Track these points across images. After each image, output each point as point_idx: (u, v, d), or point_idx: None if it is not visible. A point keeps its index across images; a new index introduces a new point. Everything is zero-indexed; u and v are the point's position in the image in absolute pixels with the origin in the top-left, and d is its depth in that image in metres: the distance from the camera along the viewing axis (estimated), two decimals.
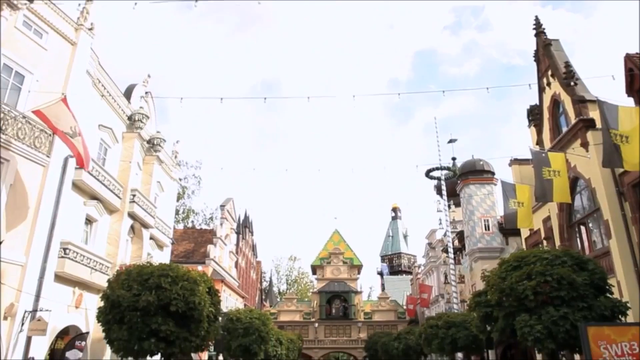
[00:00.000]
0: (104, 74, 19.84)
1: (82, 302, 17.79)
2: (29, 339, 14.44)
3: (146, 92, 24.43)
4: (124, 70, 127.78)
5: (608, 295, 12.16)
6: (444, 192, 35.50)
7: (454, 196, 40.37)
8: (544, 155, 16.79)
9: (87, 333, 17.56)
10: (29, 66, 15.73)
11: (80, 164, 14.06)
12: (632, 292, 15.00)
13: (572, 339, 10.83)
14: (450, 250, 33.65)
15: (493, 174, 35.89)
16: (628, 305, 12.37)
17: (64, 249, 16.10)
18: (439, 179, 38.02)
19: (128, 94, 22.48)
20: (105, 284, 13.77)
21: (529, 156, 18.35)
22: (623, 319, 11.93)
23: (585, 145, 17.32)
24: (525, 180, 21.91)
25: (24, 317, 14.27)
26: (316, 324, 54.16)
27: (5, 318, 13.79)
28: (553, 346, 11.22)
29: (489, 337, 16.90)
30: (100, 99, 19.81)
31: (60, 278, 16.30)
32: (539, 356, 21.91)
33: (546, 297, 11.19)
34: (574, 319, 10.79)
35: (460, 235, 37.91)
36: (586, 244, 18.80)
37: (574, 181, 18.45)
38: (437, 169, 37.24)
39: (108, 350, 18.10)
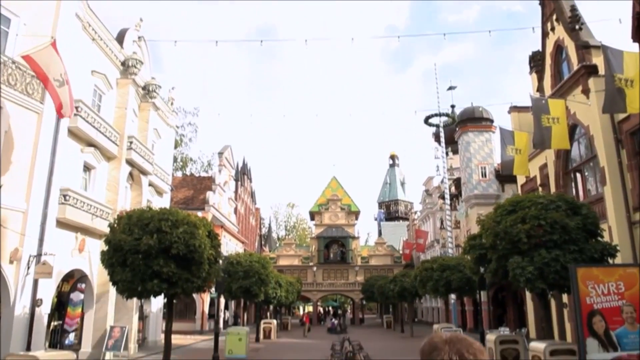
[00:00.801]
0: (94, 17, 19.29)
1: (85, 247, 18.18)
2: (35, 282, 14.91)
3: (139, 37, 23.89)
4: (115, 14, 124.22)
5: (599, 239, 12.47)
6: (442, 139, 35.52)
7: (452, 143, 40.40)
8: (544, 102, 16.69)
9: (86, 276, 18.10)
10: (15, 9, 15.28)
11: (60, 114, 13.62)
12: (622, 237, 15.39)
13: (562, 280, 11.21)
14: (447, 196, 34.07)
15: (492, 121, 35.79)
16: (617, 248, 12.72)
17: (64, 195, 16.27)
18: (437, 126, 37.92)
19: (120, 38, 21.96)
20: (107, 230, 14.03)
21: (529, 104, 18.26)
22: (612, 261, 12.30)
23: (586, 92, 17.22)
24: (524, 127, 21.90)
25: (29, 261, 14.65)
26: (314, 268, 55.51)
27: (11, 262, 14.14)
28: (543, 286, 11.62)
29: (482, 278, 17.45)
30: (91, 43, 19.37)
31: (62, 224, 16.57)
32: (528, 298, 22.70)
33: (539, 240, 11.48)
34: (564, 261, 11.12)
35: (457, 182, 38.26)
36: (581, 191, 19.06)
37: (573, 129, 18.46)
38: (436, 115, 37.08)
39: (113, 292, 18.71)
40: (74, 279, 18.04)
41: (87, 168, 19.11)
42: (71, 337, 17.36)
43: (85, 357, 17.87)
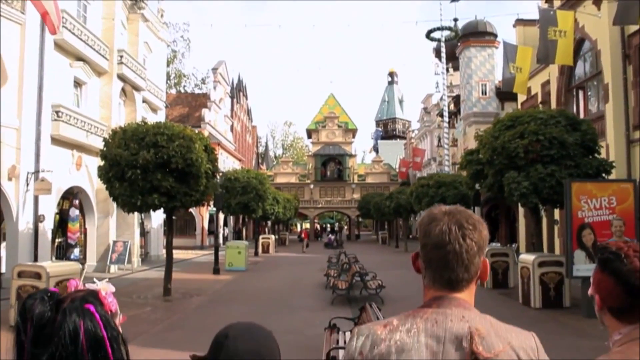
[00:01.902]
0: None
1: (82, 164, 18.22)
2: (36, 199, 15.12)
3: None
4: None
5: (596, 155, 12.50)
6: (443, 55, 34.58)
7: (453, 60, 39.37)
8: (552, 13, 16.01)
9: (81, 192, 18.32)
10: None
11: (49, 25, 12.86)
12: (618, 155, 15.45)
13: (556, 195, 11.37)
14: (446, 114, 33.77)
15: (495, 36, 34.63)
16: (614, 165, 12.79)
17: (56, 112, 16.04)
18: (439, 40, 36.73)
19: None
20: (102, 146, 13.97)
21: (536, 17, 17.54)
22: (606, 177, 12.41)
23: (597, 2, 16.50)
24: (528, 43, 21.20)
25: (27, 178, 14.77)
26: (311, 186, 56.24)
27: (10, 179, 14.22)
28: (537, 201, 11.81)
29: (477, 194, 17.71)
30: None
31: (57, 141, 16.48)
32: (520, 215, 23.21)
33: (536, 156, 11.49)
34: (560, 176, 11.22)
35: (456, 100, 37.77)
36: (582, 108, 18.86)
37: (579, 44, 17.90)
38: (438, 29, 35.79)
39: (114, 208, 19.03)
40: (72, 196, 18.27)
41: (77, 84, 18.68)
42: (76, 252, 17.88)
43: (91, 270, 18.51)
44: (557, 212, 17.77)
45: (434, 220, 1.39)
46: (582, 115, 18.27)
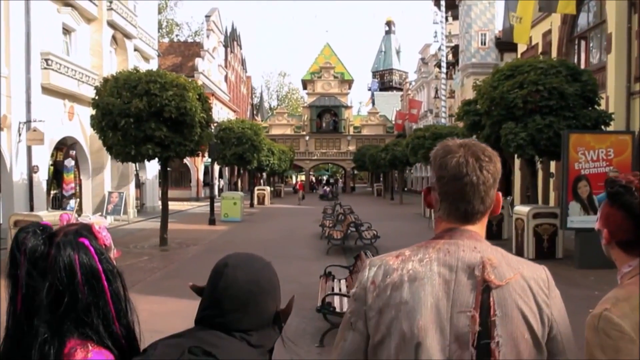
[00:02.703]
0: None
1: (75, 114, 17.95)
2: (29, 149, 14.98)
3: None
4: None
5: (595, 107, 12.37)
6: (443, 2, 33.63)
7: (452, 8, 38.27)
8: None
9: (77, 142, 18.13)
10: None
11: None
12: (618, 107, 15.29)
13: (553, 147, 11.30)
14: (443, 64, 33.23)
15: None
16: (613, 116, 12.68)
17: (46, 60, 15.66)
18: None
19: None
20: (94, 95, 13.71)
21: None
22: (605, 129, 12.32)
23: None
24: None
25: (19, 128, 14.59)
26: (307, 137, 55.97)
27: (2, 129, 14.02)
28: (533, 153, 11.76)
29: None
30: None
31: (47, 90, 16.17)
32: (516, 167, 23.25)
33: (535, 106, 11.35)
34: (558, 128, 11.11)
35: (455, 50, 37.04)
36: (583, 59, 18.55)
37: None
38: None
39: (108, 159, 18.91)
40: (67, 147, 18.09)
41: (66, 31, 18.11)
42: (72, 203, 17.88)
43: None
44: (552, 165, 17.78)
45: (450, 152, 1.35)
46: (583, 67, 17.99)
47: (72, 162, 17.82)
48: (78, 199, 19.08)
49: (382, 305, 1.28)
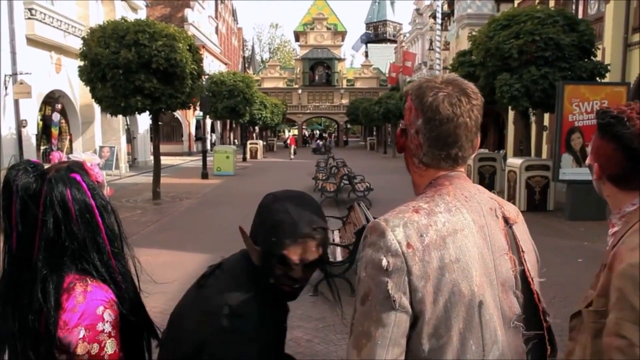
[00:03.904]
0: None
1: (62, 66, 17.54)
2: (16, 102, 14.71)
3: None
4: None
5: (591, 58, 12.23)
6: None
7: None
8: None
9: (63, 96, 17.80)
10: None
11: None
12: (615, 58, 15.11)
13: (547, 98, 11.23)
14: (439, 15, 32.42)
15: None
16: (609, 68, 12.55)
17: (29, 10, 15.19)
18: None
19: None
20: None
21: None
22: (600, 81, 12.23)
23: None
24: None
25: (5, 80, 14.28)
26: (299, 91, 55.28)
27: None
28: (527, 104, 11.69)
29: None
30: None
31: (33, 42, 15.73)
32: (510, 121, 23.18)
33: (530, 57, 11.20)
34: (553, 79, 11.01)
35: (450, 0, 36.18)
36: (580, 10, 18.19)
37: None
38: None
39: (98, 113, 18.64)
40: (54, 100, 17.79)
41: None
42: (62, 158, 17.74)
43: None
44: (546, 118, 17.75)
45: (438, 91, 1.21)
46: (580, 17, 17.67)
47: (58, 116, 17.55)
48: (68, 154, 18.88)
49: (430, 270, 1.08)
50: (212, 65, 39.63)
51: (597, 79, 11.94)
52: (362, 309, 1.10)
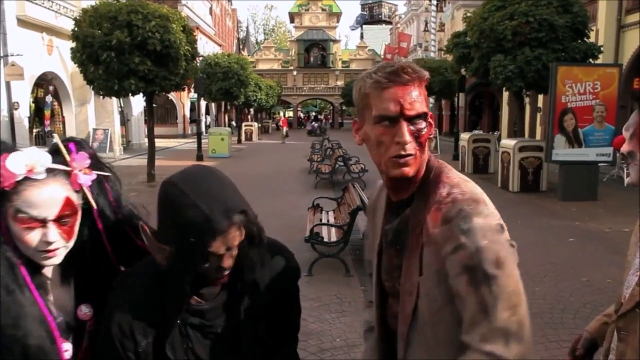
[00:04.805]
0: None
1: (54, 48, 17.36)
2: (8, 85, 14.56)
3: None
4: None
5: (585, 39, 12.27)
6: None
7: None
8: None
9: (55, 77, 17.65)
10: None
11: None
12: (608, 39, 15.15)
13: (541, 79, 11.28)
14: None
15: None
16: (602, 49, 12.58)
17: None
18: None
19: None
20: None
21: None
22: (593, 62, 12.28)
23: None
24: None
25: None
26: (294, 72, 54.95)
27: None
28: (521, 85, 11.74)
29: (462, 80, 17.52)
30: None
31: (24, 22, 15.52)
32: (504, 102, 23.24)
33: (524, 38, 11.22)
34: (546, 60, 11.06)
35: None
36: None
37: None
38: None
39: (91, 95, 18.50)
40: (46, 82, 17.65)
41: None
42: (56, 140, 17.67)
43: None
44: (540, 99, 17.80)
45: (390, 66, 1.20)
46: None
47: (51, 98, 17.44)
48: (61, 137, 18.79)
49: None
50: (206, 47, 39.26)
51: (590, 60, 11.98)
52: (502, 272, 1.09)
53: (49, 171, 1.15)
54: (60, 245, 1.16)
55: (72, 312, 1.22)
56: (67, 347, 1.17)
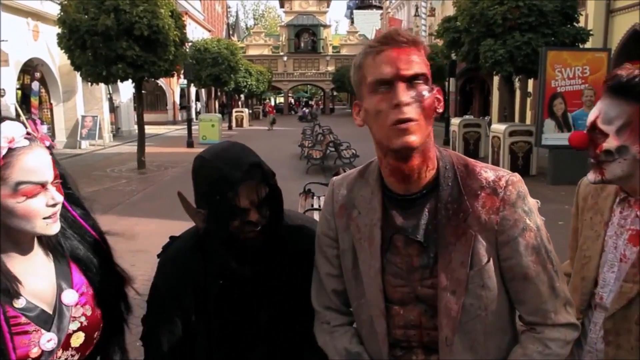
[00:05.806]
0: None
1: (40, 32, 17.09)
2: None
3: None
4: None
5: (574, 24, 12.30)
6: None
7: None
8: None
9: (39, 65, 17.42)
10: None
11: None
12: (597, 24, 15.17)
13: (530, 64, 11.33)
14: None
15: None
16: (591, 33, 12.62)
17: None
18: None
19: None
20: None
21: None
22: (582, 46, 12.32)
23: None
24: None
25: None
26: (285, 58, 54.58)
27: None
28: (511, 69, 11.78)
29: (453, 65, 17.52)
30: None
31: (8, 7, 15.22)
32: (494, 87, 23.26)
33: (514, 23, 11.24)
34: (536, 45, 11.09)
35: None
36: None
37: None
38: None
39: (79, 82, 18.29)
40: (33, 69, 17.39)
41: None
42: (44, 128, 17.44)
43: (61, 147, 18.26)
44: (530, 84, 17.84)
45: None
46: None
47: (38, 85, 17.20)
48: (50, 125, 18.62)
49: None
50: (195, 32, 38.85)
51: (579, 44, 12.02)
52: (552, 247, 1.19)
53: (29, 139, 1.15)
54: (60, 202, 1.19)
55: (54, 300, 1.22)
56: (50, 337, 1.17)
